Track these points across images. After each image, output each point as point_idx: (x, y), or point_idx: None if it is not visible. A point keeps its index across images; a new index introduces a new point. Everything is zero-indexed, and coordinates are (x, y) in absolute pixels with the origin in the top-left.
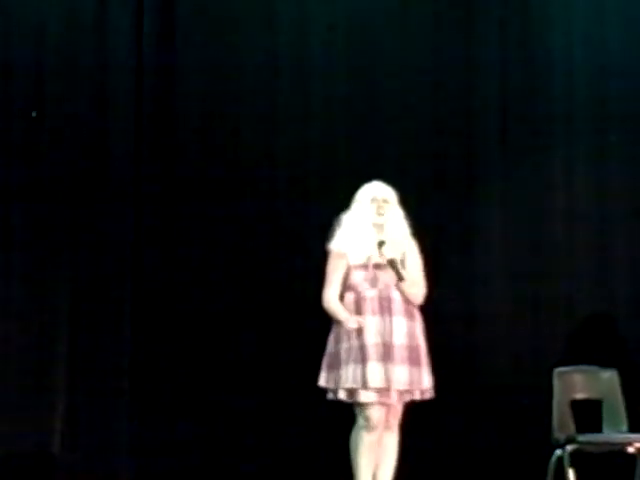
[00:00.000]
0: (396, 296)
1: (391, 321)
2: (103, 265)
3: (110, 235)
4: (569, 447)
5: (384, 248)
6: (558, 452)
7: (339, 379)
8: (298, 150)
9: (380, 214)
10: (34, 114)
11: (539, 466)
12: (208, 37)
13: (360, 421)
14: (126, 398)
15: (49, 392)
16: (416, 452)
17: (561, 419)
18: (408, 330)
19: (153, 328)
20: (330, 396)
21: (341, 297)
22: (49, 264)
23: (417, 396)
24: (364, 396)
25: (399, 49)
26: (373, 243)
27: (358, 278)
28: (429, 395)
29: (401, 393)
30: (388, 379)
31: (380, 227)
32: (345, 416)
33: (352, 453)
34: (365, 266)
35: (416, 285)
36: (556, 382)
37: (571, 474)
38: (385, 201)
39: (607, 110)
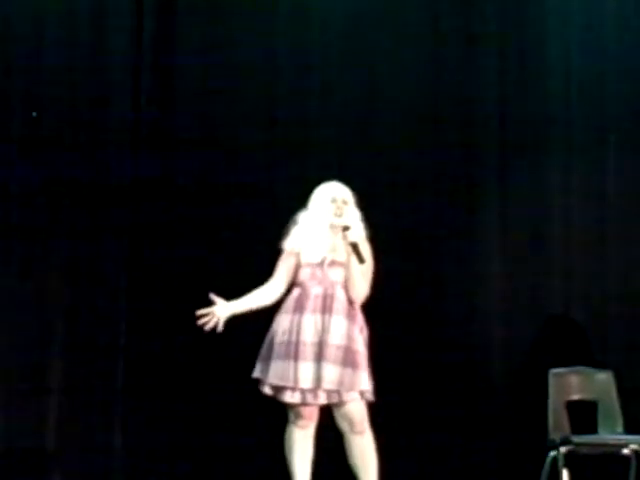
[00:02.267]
0: (340, 295)
1: (330, 320)
2: (99, 263)
3: (107, 236)
4: (564, 448)
5: (349, 232)
6: (553, 453)
7: (267, 373)
8: (296, 150)
9: (338, 215)
10: (34, 114)
11: (534, 467)
12: (206, 36)
13: (291, 417)
14: (120, 396)
15: (43, 389)
16: (409, 452)
17: (556, 420)
18: (347, 331)
19: (149, 327)
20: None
21: (289, 292)
22: (46, 260)
23: (349, 398)
24: (289, 396)
25: (396, 57)
26: (328, 244)
27: (306, 275)
28: (368, 398)
29: (329, 393)
30: (318, 379)
31: (337, 229)
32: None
33: (286, 450)
34: (316, 265)
35: (363, 281)
36: (551, 383)
37: (566, 475)
38: (344, 202)
39: (604, 117)
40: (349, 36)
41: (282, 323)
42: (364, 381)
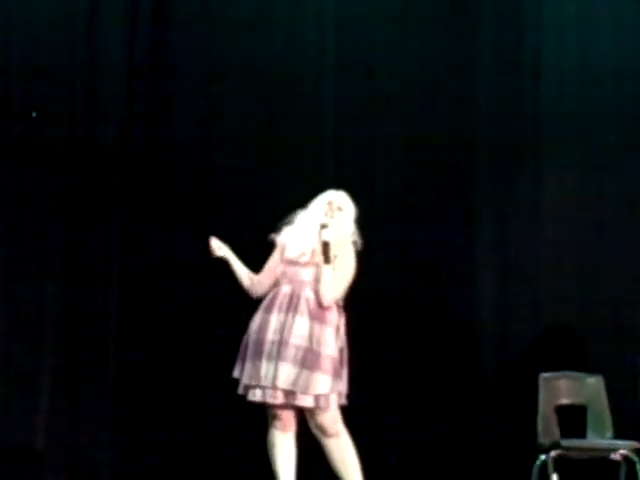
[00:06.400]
0: (309, 295)
1: (294, 320)
2: (89, 265)
3: (97, 242)
4: (553, 452)
5: (324, 231)
6: (542, 457)
7: (242, 372)
8: (290, 154)
9: (330, 217)
10: (34, 114)
11: (524, 471)
12: (200, 38)
13: (269, 420)
14: (110, 396)
15: (33, 389)
16: (398, 453)
17: (546, 424)
18: (310, 332)
19: (138, 325)
20: None
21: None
22: (35, 263)
23: (302, 402)
24: (251, 394)
25: (387, 64)
26: (312, 241)
27: (280, 274)
28: (324, 403)
29: (286, 394)
30: (274, 377)
31: (323, 227)
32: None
33: (269, 452)
34: (293, 262)
35: (334, 284)
36: (541, 387)
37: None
38: (339, 209)
39: (595, 120)
40: (343, 37)
41: (255, 322)
42: (321, 385)
